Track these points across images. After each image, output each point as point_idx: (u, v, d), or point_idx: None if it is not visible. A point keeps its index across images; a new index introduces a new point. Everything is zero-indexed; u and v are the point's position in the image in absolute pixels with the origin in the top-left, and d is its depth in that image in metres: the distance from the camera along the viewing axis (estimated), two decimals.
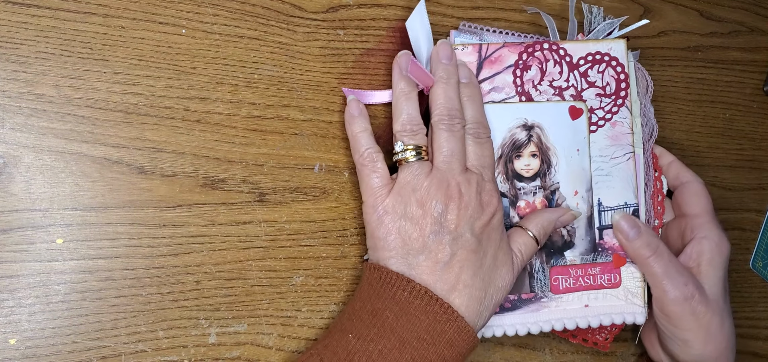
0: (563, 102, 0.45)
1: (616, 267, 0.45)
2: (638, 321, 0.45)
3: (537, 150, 0.45)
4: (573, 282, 0.45)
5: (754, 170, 0.56)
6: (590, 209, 0.45)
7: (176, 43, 0.41)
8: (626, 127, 0.46)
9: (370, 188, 0.41)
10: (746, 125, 0.56)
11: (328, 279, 0.43)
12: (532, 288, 0.44)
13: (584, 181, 0.45)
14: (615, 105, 0.46)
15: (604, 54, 0.46)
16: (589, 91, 0.45)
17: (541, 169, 0.45)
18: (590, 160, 0.45)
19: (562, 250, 0.45)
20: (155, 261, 0.40)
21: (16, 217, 0.38)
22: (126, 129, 0.40)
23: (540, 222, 0.43)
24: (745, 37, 0.56)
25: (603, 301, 0.45)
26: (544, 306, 0.44)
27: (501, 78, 0.44)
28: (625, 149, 0.46)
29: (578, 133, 0.45)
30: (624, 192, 0.46)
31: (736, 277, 0.55)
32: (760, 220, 0.56)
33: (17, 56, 0.38)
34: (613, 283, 0.45)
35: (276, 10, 0.43)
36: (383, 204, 0.40)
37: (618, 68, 0.46)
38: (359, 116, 0.42)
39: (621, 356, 0.50)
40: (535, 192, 0.45)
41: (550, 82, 0.45)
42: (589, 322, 0.44)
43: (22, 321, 0.37)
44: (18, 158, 0.38)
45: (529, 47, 0.45)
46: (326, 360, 0.36)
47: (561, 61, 0.45)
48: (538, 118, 0.45)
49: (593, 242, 0.45)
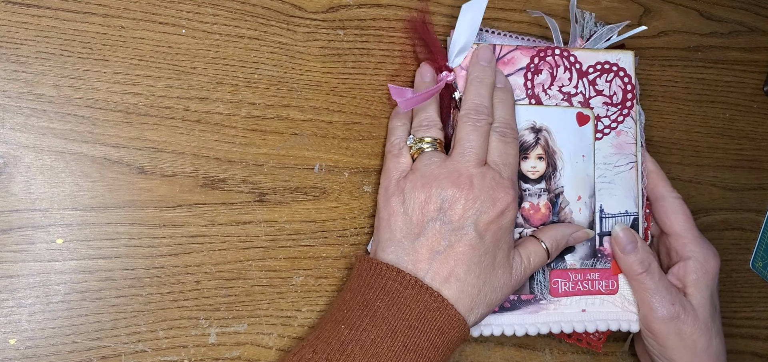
0: (571, 108, 0.46)
1: (614, 274, 0.46)
2: (633, 328, 0.45)
3: (544, 153, 0.45)
4: (572, 286, 0.45)
5: (754, 170, 0.56)
6: (592, 215, 0.46)
7: (176, 43, 0.41)
8: (630, 136, 0.47)
9: (388, 173, 0.42)
10: (746, 125, 0.56)
11: (328, 279, 0.43)
12: (531, 290, 0.45)
13: (588, 187, 0.46)
14: (621, 114, 0.47)
15: (613, 64, 0.47)
16: (597, 99, 0.46)
17: (547, 172, 0.45)
18: (594, 166, 0.46)
19: (563, 254, 0.45)
20: (155, 261, 0.40)
21: (16, 217, 0.38)
22: (126, 129, 0.40)
23: (554, 235, 0.43)
24: (745, 37, 0.56)
25: (600, 307, 0.45)
26: (543, 309, 0.44)
27: (512, 80, 0.45)
28: (629, 158, 0.47)
29: (584, 139, 0.46)
30: (625, 200, 0.46)
31: (736, 277, 0.55)
32: (760, 220, 0.56)
33: (17, 56, 0.38)
34: (611, 290, 0.46)
35: (276, 10, 0.43)
36: (394, 187, 0.41)
37: (625, 78, 0.47)
38: (404, 115, 0.44)
39: (619, 356, 0.50)
40: (540, 194, 0.45)
41: (559, 88, 0.46)
42: (585, 327, 0.45)
43: (22, 321, 0.37)
44: (18, 158, 0.38)
45: (542, 51, 0.46)
46: (319, 351, 0.36)
47: (571, 67, 0.46)
48: (546, 121, 0.45)
49: (593, 247, 0.46)
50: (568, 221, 0.45)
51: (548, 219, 0.45)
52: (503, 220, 0.40)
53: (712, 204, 0.54)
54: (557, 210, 0.45)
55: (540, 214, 0.45)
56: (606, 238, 0.46)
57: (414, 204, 0.39)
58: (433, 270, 0.38)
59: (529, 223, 0.45)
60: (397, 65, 0.46)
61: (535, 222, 0.45)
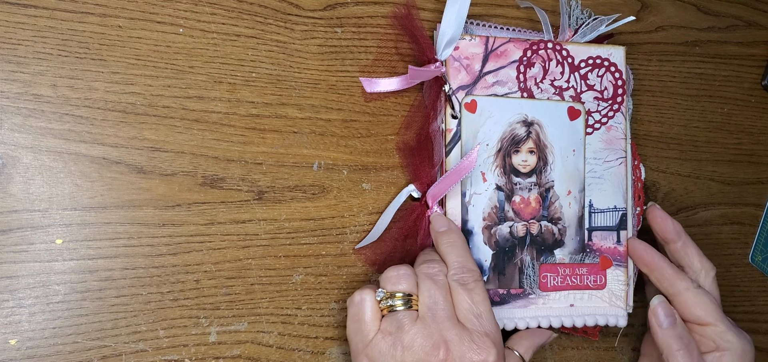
0: (563, 102, 0.46)
1: (602, 269, 0.46)
2: (619, 323, 0.46)
3: (535, 146, 0.45)
4: (560, 280, 0.45)
5: (752, 164, 0.56)
6: (581, 210, 0.46)
7: (174, 42, 0.41)
8: (620, 132, 0.47)
9: (352, 336, 0.39)
10: (744, 120, 0.56)
11: (328, 277, 0.43)
12: (521, 284, 0.45)
13: (578, 182, 0.46)
14: (611, 110, 0.47)
15: (604, 59, 0.47)
16: (588, 94, 0.46)
17: (538, 166, 0.45)
18: (585, 161, 0.46)
19: (553, 248, 0.45)
20: (155, 261, 0.40)
21: (15, 218, 0.38)
22: (124, 128, 0.40)
23: (529, 344, 0.43)
24: (742, 31, 0.56)
25: (588, 302, 0.46)
26: (532, 303, 0.45)
27: (505, 72, 0.45)
28: (618, 153, 0.47)
29: (575, 134, 0.46)
30: (614, 196, 0.47)
31: (736, 272, 0.55)
32: (758, 214, 0.56)
33: (15, 56, 0.38)
34: (599, 285, 0.46)
35: (274, 8, 0.43)
36: (362, 355, 0.38)
37: (616, 74, 0.47)
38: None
39: (620, 350, 0.50)
40: (531, 188, 0.45)
41: (551, 81, 0.46)
42: (573, 321, 0.45)
43: (23, 321, 0.37)
44: (16, 159, 0.38)
45: (534, 44, 0.46)
46: None
47: (563, 61, 0.46)
48: (538, 115, 0.45)
49: (582, 242, 0.46)
50: (557, 216, 0.45)
51: (538, 213, 0.45)
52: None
53: (710, 199, 0.54)
54: (547, 205, 0.45)
55: (530, 208, 0.45)
56: (595, 233, 0.46)
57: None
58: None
59: (519, 217, 0.45)
60: (395, 62, 0.46)
61: (525, 216, 0.45)
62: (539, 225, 0.45)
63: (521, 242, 0.45)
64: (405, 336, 0.36)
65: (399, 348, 0.36)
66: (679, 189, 0.53)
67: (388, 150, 0.45)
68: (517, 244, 0.45)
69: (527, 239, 0.45)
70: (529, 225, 0.45)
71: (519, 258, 0.45)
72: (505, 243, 0.45)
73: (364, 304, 0.38)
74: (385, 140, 0.45)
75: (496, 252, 0.44)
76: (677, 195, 0.53)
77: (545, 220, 0.45)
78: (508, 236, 0.45)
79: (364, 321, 0.38)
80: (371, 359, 0.37)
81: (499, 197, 0.45)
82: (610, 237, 0.47)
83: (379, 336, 0.37)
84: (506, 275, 0.44)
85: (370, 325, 0.38)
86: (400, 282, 0.39)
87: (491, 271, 0.44)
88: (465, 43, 0.44)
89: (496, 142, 0.45)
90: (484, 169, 0.44)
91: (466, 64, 0.44)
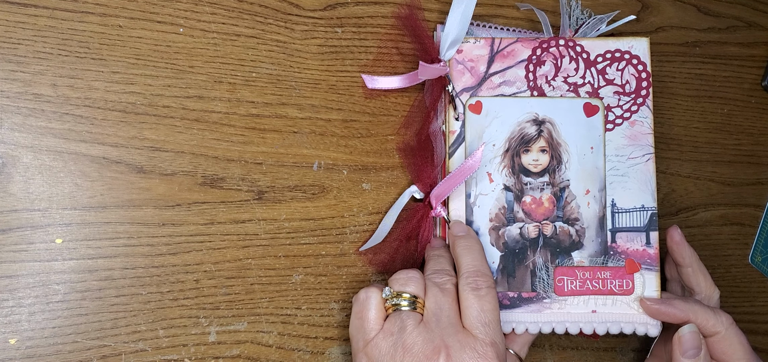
0: (578, 98, 0.44)
1: (629, 273, 0.43)
2: (651, 333, 0.43)
3: (547, 145, 0.44)
4: (579, 284, 0.43)
5: (752, 165, 0.56)
6: (602, 210, 0.44)
7: (174, 42, 0.41)
8: (647, 126, 0.44)
9: (353, 331, 0.39)
10: (744, 120, 0.56)
11: (328, 277, 0.43)
12: (533, 287, 0.43)
13: (597, 180, 0.44)
14: (634, 104, 0.45)
15: (624, 52, 0.45)
16: (607, 89, 0.45)
17: (551, 165, 0.44)
18: (605, 159, 0.44)
19: (570, 250, 0.43)
20: (155, 260, 0.40)
21: (15, 217, 0.38)
22: (124, 128, 0.40)
23: (525, 342, 0.43)
24: (742, 32, 0.56)
25: (612, 308, 0.43)
26: (546, 307, 0.43)
27: (513, 72, 0.44)
28: (645, 149, 0.44)
29: (593, 131, 0.44)
30: (641, 194, 0.44)
31: (735, 272, 0.55)
32: (758, 215, 0.56)
33: (15, 56, 0.38)
34: (625, 290, 0.43)
35: (274, 8, 0.43)
36: (362, 354, 0.38)
37: (639, 66, 0.45)
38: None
39: (620, 351, 0.50)
40: (543, 188, 0.44)
41: (564, 78, 0.45)
42: (595, 328, 0.43)
43: (22, 321, 0.37)
44: (16, 158, 0.38)
45: (544, 42, 0.45)
46: None
47: (578, 57, 0.45)
48: (550, 113, 0.44)
49: (604, 244, 0.44)
50: (574, 216, 0.44)
51: (552, 213, 0.44)
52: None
53: (710, 200, 0.54)
54: (562, 205, 0.44)
55: (543, 208, 0.44)
56: (619, 234, 0.44)
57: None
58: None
59: (530, 218, 0.43)
60: (395, 62, 0.46)
61: (537, 216, 0.44)
62: (553, 226, 0.43)
63: (533, 244, 0.43)
64: (406, 337, 0.36)
65: (399, 349, 0.36)
66: (679, 190, 0.53)
67: (388, 150, 0.45)
68: (528, 246, 0.43)
69: (540, 241, 0.43)
70: (542, 226, 0.44)
71: (530, 261, 0.43)
72: (514, 244, 0.43)
73: (369, 302, 0.38)
74: (385, 140, 0.45)
75: (505, 253, 0.43)
76: (677, 196, 0.53)
77: (560, 221, 0.44)
78: (517, 237, 0.43)
79: (368, 319, 0.38)
80: (370, 358, 0.37)
81: (507, 198, 0.44)
82: (638, 239, 0.44)
83: (380, 336, 0.37)
84: (516, 277, 0.43)
85: (372, 323, 0.38)
86: (409, 285, 0.38)
87: (500, 273, 0.43)
88: (469, 46, 0.44)
89: (504, 142, 0.44)
90: (490, 169, 0.44)
91: (470, 66, 0.44)
